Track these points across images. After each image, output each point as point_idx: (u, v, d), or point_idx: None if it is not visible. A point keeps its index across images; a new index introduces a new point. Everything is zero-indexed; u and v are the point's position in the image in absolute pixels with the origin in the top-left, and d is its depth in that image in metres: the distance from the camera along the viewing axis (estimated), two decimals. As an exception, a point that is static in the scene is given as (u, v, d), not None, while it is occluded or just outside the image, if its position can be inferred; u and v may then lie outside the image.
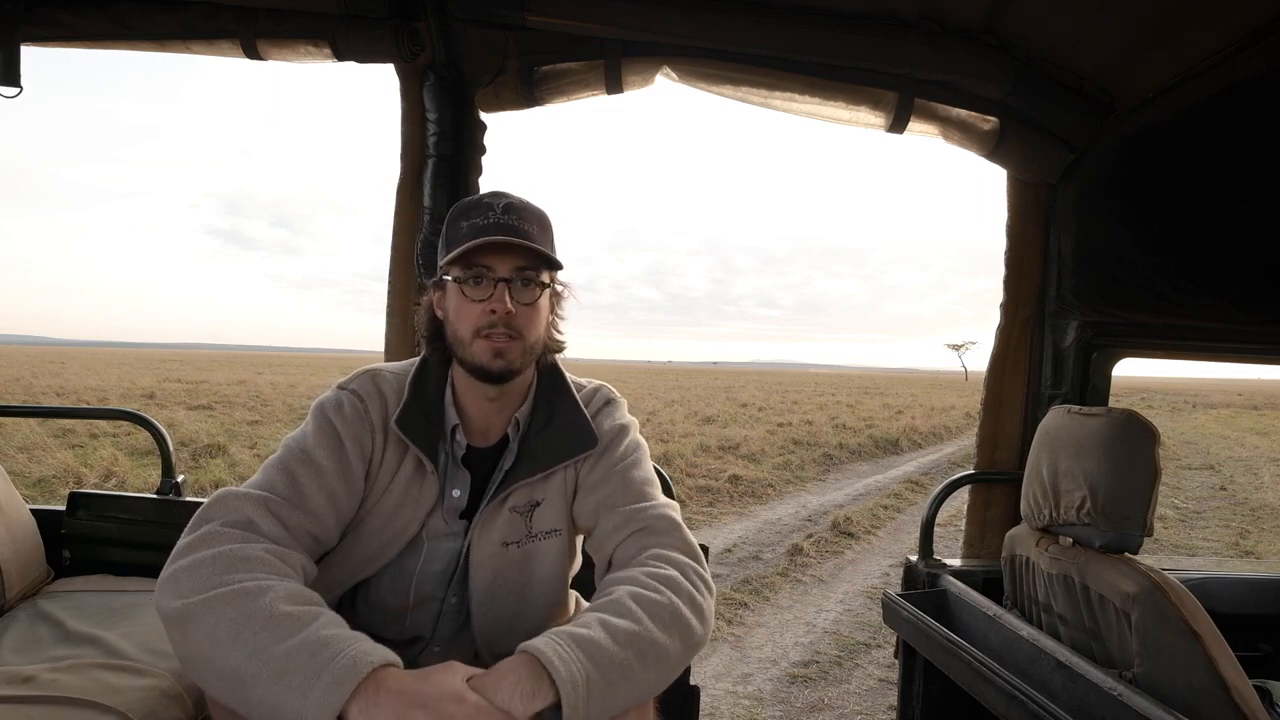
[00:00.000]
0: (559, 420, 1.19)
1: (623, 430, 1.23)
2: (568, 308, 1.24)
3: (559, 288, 1.21)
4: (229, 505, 0.97)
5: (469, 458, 1.18)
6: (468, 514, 1.17)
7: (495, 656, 1.21)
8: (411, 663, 1.19)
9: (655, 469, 1.89)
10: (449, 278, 1.11)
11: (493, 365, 1.09)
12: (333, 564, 1.12)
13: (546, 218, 1.16)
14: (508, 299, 1.07)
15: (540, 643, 0.86)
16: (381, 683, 0.78)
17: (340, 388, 1.15)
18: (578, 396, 1.23)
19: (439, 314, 1.17)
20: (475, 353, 1.09)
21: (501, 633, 1.17)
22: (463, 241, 1.07)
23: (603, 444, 1.20)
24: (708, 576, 1.07)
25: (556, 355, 1.26)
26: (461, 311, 1.10)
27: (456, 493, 1.16)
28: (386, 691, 0.77)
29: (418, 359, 1.22)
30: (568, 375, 1.26)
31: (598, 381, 1.30)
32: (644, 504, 1.14)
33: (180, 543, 0.93)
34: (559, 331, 1.23)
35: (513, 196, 1.14)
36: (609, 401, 1.26)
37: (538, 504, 1.18)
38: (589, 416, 1.21)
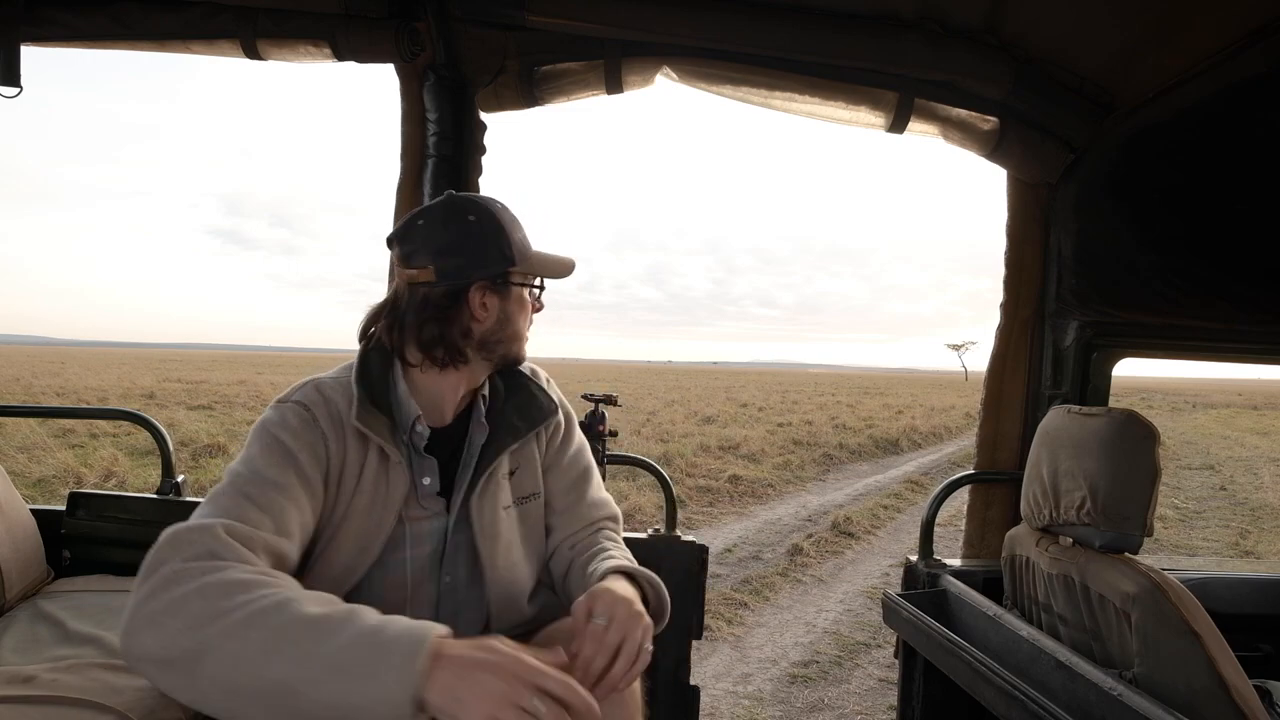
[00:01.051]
0: (519, 391, 1.31)
1: (568, 409, 1.39)
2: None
3: None
4: (181, 542, 0.89)
5: (433, 442, 1.19)
6: (445, 492, 1.19)
7: (507, 622, 1.22)
8: None
9: (655, 468, 1.92)
10: (518, 283, 1.21)
11: (524, 354, 1.27)
12: (318, 578, 1.09)
13: None
14: None
15: (612, 564, 1.15)
16: (441, 650, 0.80)
17: (283, 403, 1.11)
18: (524, 371, 1.35)
19: (479, 314, 1.17)
20: (522, 346, 1.26)
21: (515, 595, 1.23)
22: (528, 257, 1.21)
23: (561, 416, 1.34)
24: None
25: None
26: (524, 314, 1.25)
27: (427, 480, 1.17)
28: (451, 658, 0.80)
29: (350, 363, 1.21)
30: None
31: None
32: (602, 499, 1.35)
33: (139, 593, 0.85)
34: None
35: None
36: (548, 379, 1.38)
37: (515, 469, 1.27)
38: (542, 387, 1.34)
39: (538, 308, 1.28)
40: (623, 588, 1.05)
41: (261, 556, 0.94)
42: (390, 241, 1.20)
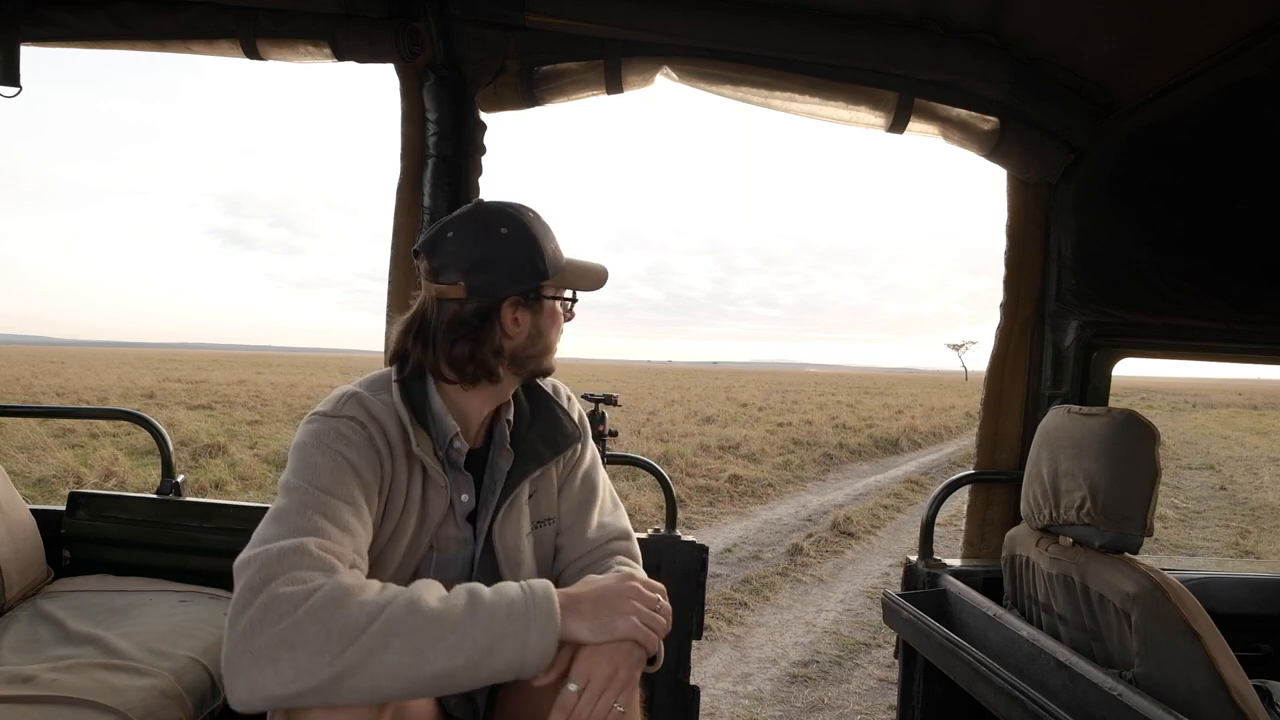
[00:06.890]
0: (545, 416, 1.27)
1: (587, 429, 1.35)
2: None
3: None
4: (272, 565, 0.87)
5: (467, 461, 1.18)
6: (472, 516, 1.18)
7: None
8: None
9: (655, 468, 1.92)
10: (550, 296, 1.18)
11: (554, 365, 1.24)
12: None
13: None
14: None
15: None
16: (564, 599, 0.97)
17: (333, 416, 1.06)
18: (546, 390, 1.31)
19: (510, 330, 1.14)
20: (552, 358, 1.23)
21: None
22: (561, 269, 1.17)
23: (581, 440, 1.31)
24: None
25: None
26: (556, 327, 1.22)
27: (465, 497, 1.17)
28: (575, 599, 0.98)
29: (385, 378, 1.16)
30: None
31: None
32: (611, 522, 1.29)
33: (240, 627, 0.83)
34: None
35: None
36: (569, 397, 1.35)
37: (534, 493, 1.24)
38: (565, 410, 1.30)
39: (569, 318, 1.24)
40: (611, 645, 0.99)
41: (347, 564, 0.93)
42: (417, 253, 1.14)
